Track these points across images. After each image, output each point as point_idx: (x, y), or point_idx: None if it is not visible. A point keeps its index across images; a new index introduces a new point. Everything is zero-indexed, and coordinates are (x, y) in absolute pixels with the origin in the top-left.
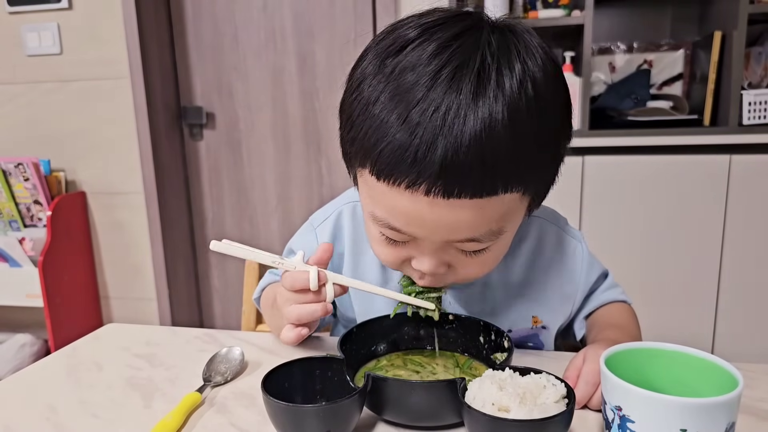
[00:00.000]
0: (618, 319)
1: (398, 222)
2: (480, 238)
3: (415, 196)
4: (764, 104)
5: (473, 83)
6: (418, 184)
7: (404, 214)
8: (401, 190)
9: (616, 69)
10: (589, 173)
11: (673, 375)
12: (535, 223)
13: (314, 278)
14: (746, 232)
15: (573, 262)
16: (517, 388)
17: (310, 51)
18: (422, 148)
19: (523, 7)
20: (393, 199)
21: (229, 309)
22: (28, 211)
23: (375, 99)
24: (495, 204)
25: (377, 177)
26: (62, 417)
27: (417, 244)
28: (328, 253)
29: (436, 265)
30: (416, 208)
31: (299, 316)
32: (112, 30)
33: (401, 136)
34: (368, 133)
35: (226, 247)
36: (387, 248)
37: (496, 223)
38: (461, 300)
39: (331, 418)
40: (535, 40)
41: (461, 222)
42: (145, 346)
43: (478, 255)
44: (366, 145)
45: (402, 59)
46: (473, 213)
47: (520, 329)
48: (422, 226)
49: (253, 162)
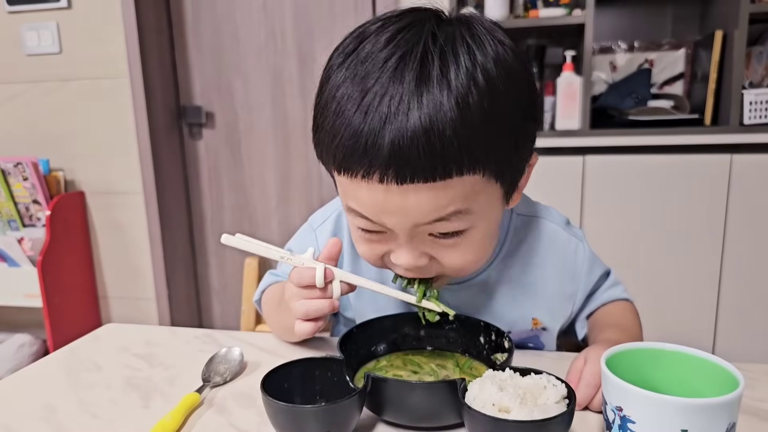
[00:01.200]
0: (619, 318)
1: (367, 212)
2: (447, 217)
3: (371, 185)
4: (765, 104)
5: (416, 71)
6: (371, 174)
7: (368, 204)
8: (359, 180)
9: (617, 68)
10: (590, 173)
11: (674, 375)
12: (536, 223)
13: (320, 275)
14: (747, 232)
15: (574, 261)
16: (517, 389)
17: (310, 51)
18: (371, 138)
19: (523, 6)
20: (355, 190)
21: (228, 309)
22: (27, 211)
23: (332, 96)
24: (453, 186)
25: (338, 171)
26: (61, 417)
27: (392, 236)
28: (337, 247)
29: (415, 257)
30: (375, 196)
31: (307, 311)
32: (112, 29)
33: (352, 128)
34: (328, 130)
35: (238, 241)
36: (366, 245)
37: (461, 202)
38: (460, 301)
39: (331, 418)
40: (495, 33)
41: (422, 205)
42: (144, 346)
43: (456, 243)
44: (327, 141)
45: (360, 51)
46: (431, 195)
47: (520, 331)
48: (387, 213)
49: (252, 162)
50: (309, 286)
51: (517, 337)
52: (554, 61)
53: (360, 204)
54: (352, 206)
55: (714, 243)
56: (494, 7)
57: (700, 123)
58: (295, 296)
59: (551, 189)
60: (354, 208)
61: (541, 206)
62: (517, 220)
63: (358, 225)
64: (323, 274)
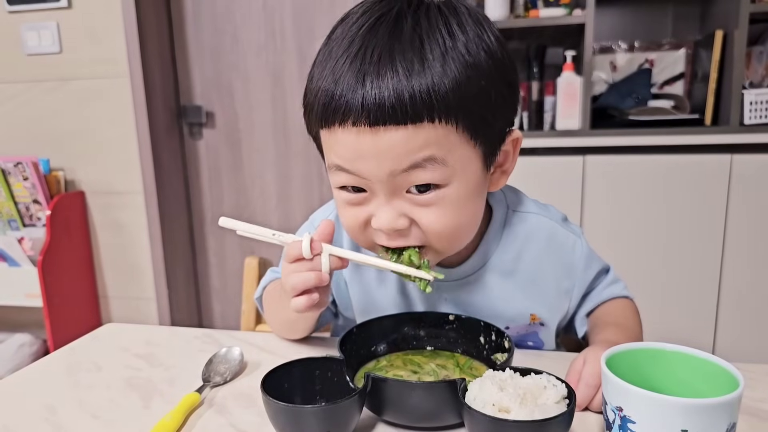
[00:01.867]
0: (619, 317)
1: (345, 161)
2: (422, 164)
3: (346, 130)
4: (765, 104)
5: (390, 26)
6: (346, 120)
7: (345, 151)
8: (336, 129)
9: (617, 68)
10: (590, 172)
11: (674, 375)
12: (533, 220)
13: (306, 245)
14: (747, 232)
15: (571, 257)
16: (517, 389)
17: (310, 50)
18: (346, 86)
19: (524, 6)
20: (334, 141)
21: (229, 309)
22: (27, 211)
23: (317, 61)
24: (426, 130)
25: (321, 126)
26: (61, 417)
27: (372, 197)
28: (330, 227)
29: (394, 217)
30: (350, 141)
31: (294, 284)
32: (112, 29)
33: (331, 79)
34: (312, 89)
35: (230, 223)
36: (348, 211)
37: (436, 149)
38: (459, 297)
39: (331, 418)
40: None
41: (395, 147)
42: (145, 346)
43: (432, 201)
44: (311, 100)
45: (339, 27)
46: (404, 138)
47: (518, 326)
48: (362, 158)
49: (252, 161)
50: (298, 259)
51: (516, 332)
52: (554, 61)
53: (338, 154)
54: (332, 161)
55: (714, 243)
56: (494, 7)
57: (700, 123)
58: (287, 274)
59: (551, 189)
60: (334, 162)
61: (538, 203)
62: (514, 216)
63: (339, 183)
64: (309, 245)
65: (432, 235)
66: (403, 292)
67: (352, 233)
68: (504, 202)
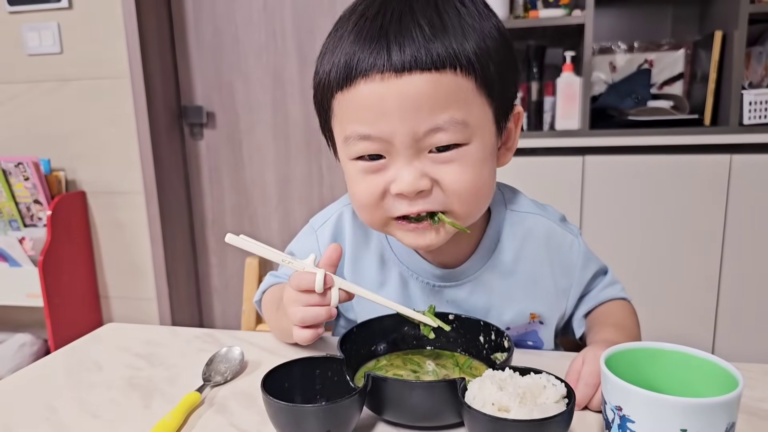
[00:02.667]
0: (617, 318)
1: (365, 120)
2: (444, 126)
3: (371, 83)
4: (765, 104)
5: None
6: (370, 71)
7: (368, 108)
8: (359, 86)
9: (616, 68)
10: (589, 173)
11: (673, 375)
12: (531, 219)
13: (320, 280)
14: (747, 232)
15: (569, 256)
16: (517, 388)
17: (311, 51)
18: (370, 41)
19: (523, 6)
20: (355, 100)
21: (229, 309)
22: (28, 211)
23: (333, 31)
24: (448, 81)
25: (339, 88)
26: (62, 417)
27: (392, 162)
28: (337, 253)
29: (416, 177)
30: (375, 94)
31: (303, 318)
32: (112, 29)
33: (353, 39)
34: (329, 61)
35: (241, 242)
36: (365, 182)
37: (456, 109)
38: (459, 297)
39: (331, 418)
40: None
41: (421, 97)
42: (145, 345)
43: (453, 158)
44: (329, 70)
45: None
46: (428, 87)
47: (518, 325)
48: (387, 114)
49: (253, 162)
50: (308, 290)
51: (516, 332)
52: (554, 61)
53: (359, 117)
54: (351, 128)
55: (713, 243)
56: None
57: (699, 123)
58: (293, 301)
59: (551, 189)
60: (354, 129)
61: (536, 203)
62: (513, 216)
63: (356, 153)
64: (323, 280)
65: (454, 195)
66: (405, 293)
67: (368, 207)
68: (502, 202)
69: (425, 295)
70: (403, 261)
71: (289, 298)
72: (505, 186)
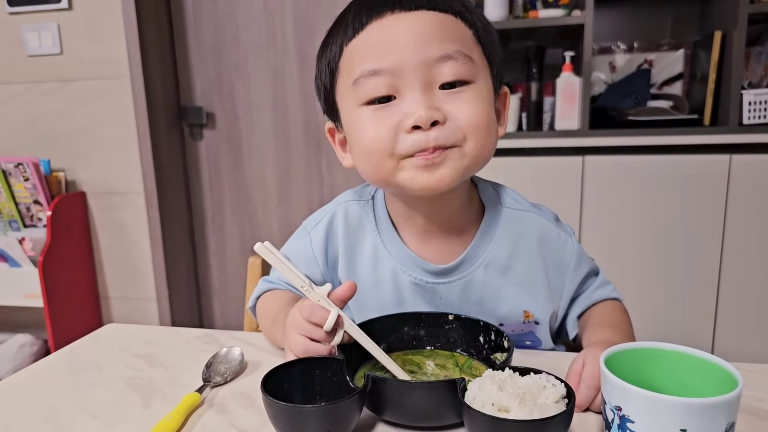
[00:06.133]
0: (611, 318)
1: (376, 56)
2: (454, 55)
3: (382, 23)
4: (764, 104)
5: None
6: (384, 9)
7: (379, 44)
8: (371, 27)
9: (616, 69)
10: (589, 173)
11: (673, 375)
12: (526, 218)
13: (332, 322)
14: (746, 232)
15: (562, 255)
16: (516, 389)
17: (311, 51)
18: None
19: (523, 6)
20: (366, 41)
21: (229, 309)
22: (28, 211)
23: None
24: (453, 24)
25: (349, 39)
26: (62, 417)
27: (403, 93)
28: (351, 292)
29: (429, 106)
30: (387, 29)
31: (305, 351)
32: (112, 30)
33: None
34: (338, 23)
35: (267, 253)
36: (375, 123)
37: (463, 43)
38: (454, 295)
39: (331, 418)
40: None
41: (430, 30)
42: (145, 346)
43: (463, 92)
44: (338, 32)
45: None
46: (436, 23)
47: (512, 324)
48: (399, 45)
49: (253, 162)
50: (316, 324)
51: (512, 330)
52: (554, 61)
53: (371, 54)
54: (362, 67)
55: (713, 243)
56: (494, 8)
57: (699, 123)
58: (297, 327)
59: (551, 189)
60: (364, 67)
61: (531, 203)
62: (508, 213)
63: (367, 93)
64: (335, 322)
65: (468, 127)
66: (397, 291)
67: (379, 150)
68: (497, 200)
69: (418, 293)
70: (397, 259)
71: (294, 323)
72: (499, 184)
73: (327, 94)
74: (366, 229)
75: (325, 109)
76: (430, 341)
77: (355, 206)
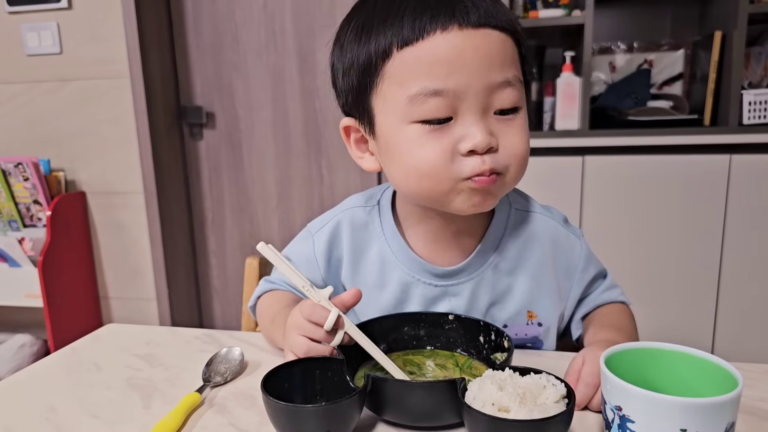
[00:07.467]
0: (615, 319)
1: (439, 75)
2: (513, 81)
3: (449, 34)
4: (764, 104)
5: None
6: (450, 21)
7: (443, 61)
8: (434, 39)
9: (616, 69)
10: (589, 173)
11: (673, 375)
12: (534, 219)
13: (332, 321)
14: (746, 232)
15: (570, 257)
16: (517, 389)
17: (311, 51)
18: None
19: (523, 6)
20: (428, 54)
21: (229, 309)
22: (28, 211)
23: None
24: (511, 45)
25: (407, 43)
26: (62, 417)
27: (462, 115)
28: (355, 299)
29: (486, 134)
30: (453, 45)
31: (307, 351)
32: (112, 30)
33: (417, 2)
34: (381, 14)
35: (269, 253)
36: (430, 144)
37: (516, 67)
38: (458, 293)
39: (331, 418)
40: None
41: (495, 52)
42: (145, 346)
43: (514, 120)
44: (385, 28)
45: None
46: (499, 44)
47: (516, 325)
48: (464, 65)
49: (253, 162)
50: (317, 324)
51: (513, 332)
52: (554, 61)
53: (431, 69)
54: (421, 85)
55: (713, 243)
56: None
57: (699, 123)
58: (298, 327)
59: (551, 189)
60: (425, 87)
61: (541, 204)
62: (516, 215)
63: (425, 113)
64: (334, 321)
65: (512, 157)
66: (405, 295)
67: (435, 171)
68: (506, 201)
69: (426, 296)
70: (405, 264)
71: (294, 323)
72: None
73: (357, 93)
74: (372, 235)
75: (349, 106)
76: (430, 341)
77: (361, 212)
